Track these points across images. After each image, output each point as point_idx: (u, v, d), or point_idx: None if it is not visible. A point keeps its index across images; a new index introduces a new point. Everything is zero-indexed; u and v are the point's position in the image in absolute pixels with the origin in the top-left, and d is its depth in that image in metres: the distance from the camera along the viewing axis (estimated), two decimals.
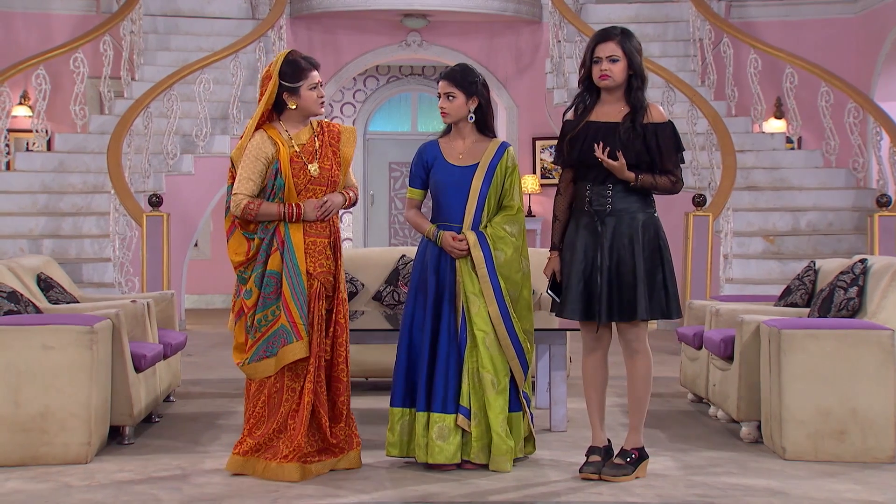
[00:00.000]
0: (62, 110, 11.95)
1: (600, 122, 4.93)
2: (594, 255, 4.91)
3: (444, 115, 5.22)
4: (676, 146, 4.94)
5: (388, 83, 16.70)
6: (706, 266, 9.64)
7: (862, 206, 10.87)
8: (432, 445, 5.04)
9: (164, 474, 5.09)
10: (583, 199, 4.97)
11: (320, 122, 5.23)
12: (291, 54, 5.11)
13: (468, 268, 5.14)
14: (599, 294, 4.89)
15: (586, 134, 4.93)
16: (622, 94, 4.94)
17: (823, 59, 11.97)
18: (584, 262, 4.92)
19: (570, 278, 4.94)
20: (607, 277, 4.88)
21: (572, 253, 4.96)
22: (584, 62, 4.97)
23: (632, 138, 4.87)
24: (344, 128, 5.27)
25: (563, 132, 5.05)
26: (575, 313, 4.95)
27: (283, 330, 4.95)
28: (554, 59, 12.71)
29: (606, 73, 4.88)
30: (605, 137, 4.88)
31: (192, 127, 11.56)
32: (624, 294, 4.88)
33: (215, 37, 13.03)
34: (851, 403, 5.32)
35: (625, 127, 4.89)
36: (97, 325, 5.40)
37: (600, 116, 4.96)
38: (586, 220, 4.95)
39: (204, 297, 14.24)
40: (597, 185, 4.94)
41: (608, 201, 4.92)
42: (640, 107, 4.90)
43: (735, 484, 4.89)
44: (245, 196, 5.03)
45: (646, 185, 4.89)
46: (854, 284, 5.91)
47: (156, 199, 9.67)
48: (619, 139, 4.87)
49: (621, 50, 4.88)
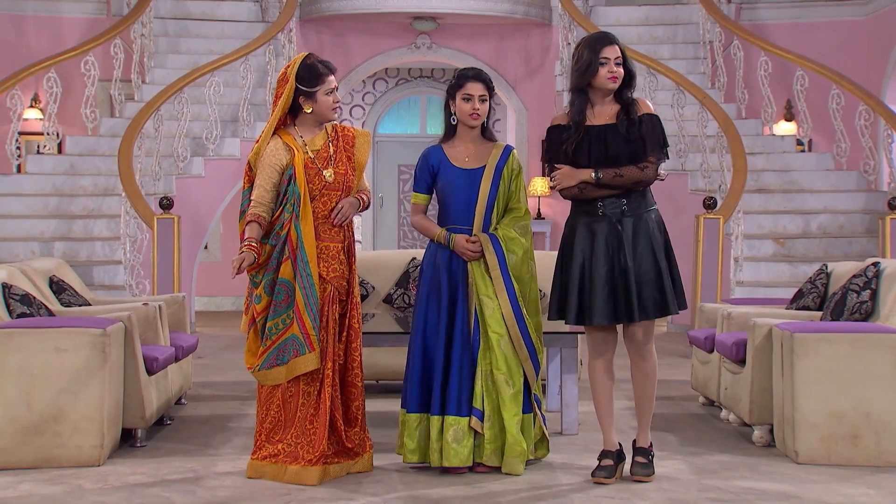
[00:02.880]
0: (73, 113, 11.97)
1: (599, 125, 4.96)
2: (619, 259, 4.90)
3: (476, 117, 5.20)
4: (661, 139, 4.96)
5: (397, 85, 16.71)
6: (716, 269, 9.62)
7: (873, 209, 10.84)
8: (448, 449, 5.04)
9: (177, 477, 5.10)
10: (594, 204, 4.96)
11: (334, 125, 5.21)
12: (309, 58, 5.08)
13: (481, 270, 5.14)
14: (628, 295, 4.89)
15: (590, 139, 4.94)
16: (612, 95, 4.99)
17: (834, 61, 11.95)
18: (608, 266, 4.91)
19: (595, 283, 4.91)
20: (633, 279, 4.89)
21: (591, 257, 4.93)
22: (586, 65, 4.90)
23: (632, 133, 4.91)
24: (359, 132, 5.26)
25: (557, 139, 4.99)
26: (605, 318, 4.92)
27: (296, 341, 4.93)
28: (564, 61, 12.69)
29: (616, 75, 4.92)
30: (609, 137, 4.91)
31: (203, 130, 11.57)
32: (652, 291, 4.90)
33: (225, 39, 13.05)
34: (865, 407, 5.31)
35: (623, 124, 4.93)
36: (110, 328, 5.40)
37: (596, 119, 4.98)
38: (603, 225, 4.94)
39: (214, 300, 14.26)
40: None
41: (622, 202, 4.93)
42: (632, 101, 4.97)
43: (748, 488, 4.88)
44: (257, 203, 5.01)
45: (607, 181, 4.88)
46: (867, 288, 5.90)
47: (167, 202, 9.68)
48: (621, 137, 4.90)
49: (621, 52, 4.97)
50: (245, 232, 5.00)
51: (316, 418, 4.98)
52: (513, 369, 5.10)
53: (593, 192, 4.94)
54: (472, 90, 5.16)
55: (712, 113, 10.83)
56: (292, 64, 5.05)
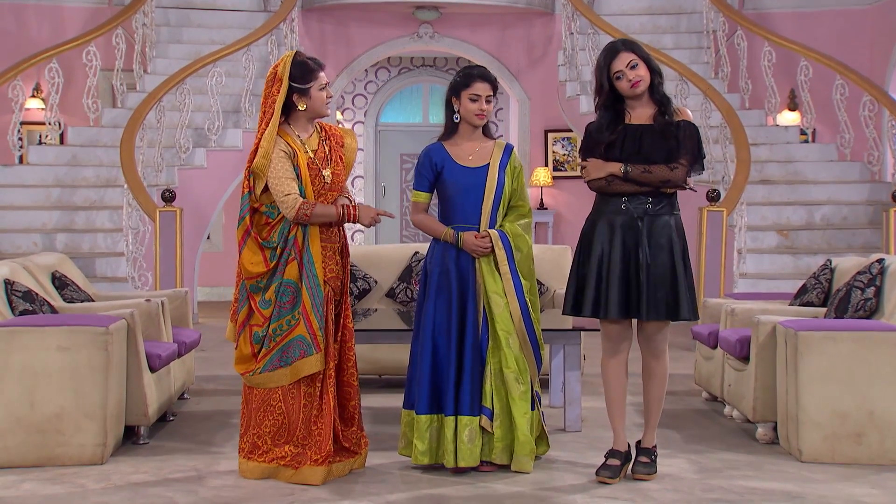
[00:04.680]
0: (75, 103, 11.94)
1: (636, 125, 4.96)
2: (636, 254, 4.90)
3: (482, 117, 5.17)
4: (698, 148, 4.94)
5: (399, 74, 16.67)
6: (720, 261, 9.60)
7: (877, 200, 10.81)
8: (463, 449, 5.02)
9: (179, 476, 5.09)
10: (618, 202, 4.95)
11: (322, 125, 5.20)
12: (298, 55, 5.07)
13: (490, 266, 5.12)
14: (640, 292, 4.88)
15: (624, 136, 4.94)
16: (647, 97, 4.96)
17: (838, 51, 11.90)
18: (623, 261, 4.91)
19: (611, 276, 4.91)
20: (647, 275, 4.88)
21: (609, 251, 4.93)
22: (601, 85, 4.96)
23: (668, 132, 4.89)
24: (346, 131, 5.26)
25: (595, 138, 4.99)
26: (619, 312, 4.92)
27: (302, 341, 4.90)
28: (567, 51, 12.66)
29: (636, 79, 4.90)
30: (644, 136, 4.90)
31: (205, 120, 11.55)
32: (666, 293, 4.88)
33: (227, 29, 13.02)
34: (869, 406, 5.29)
35: (660, 123, 4.91)
36: (112, 325, 5.39)
37: (634, 120, 4.98)
38: (624, 219, 4.93)
39: (216, 290, 14.25)
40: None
41: (647, 200, 4.92)
42: (668, 100, 4.95)
43: (752, 488, 4.87)
44: (297, 195, 4.92)
45: (635, 175, 4.88)
46: (871, 285, 5.88)
47: (169, 195, 9.66)
48: (658, 135, 4.89)
49: (634, 54, 4.92)
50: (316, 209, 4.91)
51: (320, 419, 4.97)
52: (521, 367, 5.09)
53: (620, 187, 4.92)
54: (480, 90, 5.13)
55: (716, 104, 10.80)
56: (282, 64, 5.00)
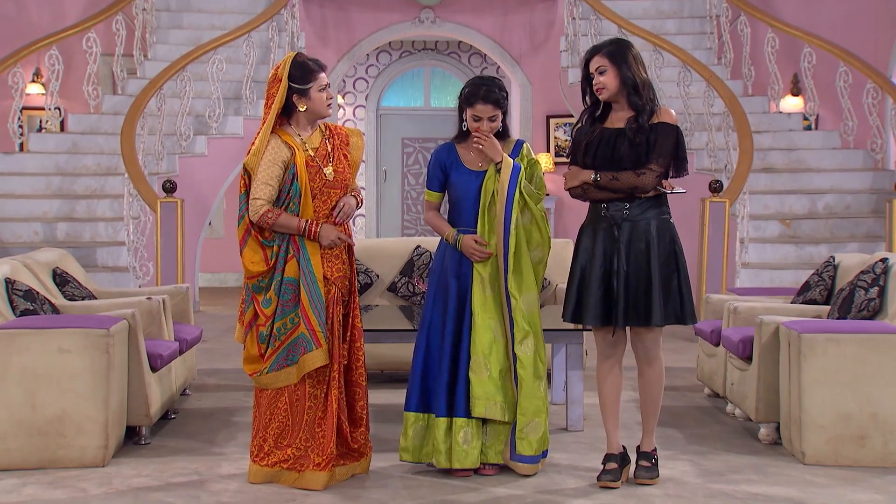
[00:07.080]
0: (75, 89, 11.89)
1: (612, 129, 4.98)
2: (612, 260, 4.91)
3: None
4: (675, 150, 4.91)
5: (400, 58, 16.59)
6: (722, 252, 9.57)
7: (880, 189, 10.76)
8: (457, 450, 5.02)
9: (181, 479, 5.08)
10: (598, 205, 4.98)
11: (327, 124, 5.19)
12: (298, 56, 5.07)
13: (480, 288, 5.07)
14: (616, 299, 4.89)
15: (600, 139, 4.98)
16: (625, 102, 4.97)
17: (841, 37, 11.81)
18: (603, 268, 4.93)
19: (591, 284, 4.93)
20: (624, 282, 4.89)
21: (591, 258, 4.95)
22: (583, 86, 5.06)
23: (638, 138, 4.88)
24: (352, 131, 5.25)
25: (576, 140, 5.08)
26: (596, 319, 4.94)
27: (303, 338, 4.91)
28: (569, 36, 12.58)
29: (598, 85, 4.96)
30: (615, 141, 4.92)
31: (205, 108, 11.50)
32: (640, 299, 4.89)
33: (228, 14, 12.95)
34: (872, 408, 5.28)
35: (631, 129, 4.91)
36: (113, 327, 5.37)
37: (611, 123, 5.01)
38: (604, 225, 4.95)
39: (218, 276, 14.25)
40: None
41: (625, 206, 4.92)
42: (642, 109, 4.92)
43: (755, 493, 4.85)
44: (264, 202, 4.95)
45: (605, 183, 4.89)
46: (875, 284, 5.86)
47: (170, 185, 9.61)
48: (626, 140, 4.90)
49: (607, 60, 4.93)
50: (279, 218, 4.90)
51: (324, 421, 4.96)
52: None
53: (595, 194, 4.96)
54: (481, 112, 5.10)
55: (718, 92, 10.73)
56: (283, 64, 5.01)
